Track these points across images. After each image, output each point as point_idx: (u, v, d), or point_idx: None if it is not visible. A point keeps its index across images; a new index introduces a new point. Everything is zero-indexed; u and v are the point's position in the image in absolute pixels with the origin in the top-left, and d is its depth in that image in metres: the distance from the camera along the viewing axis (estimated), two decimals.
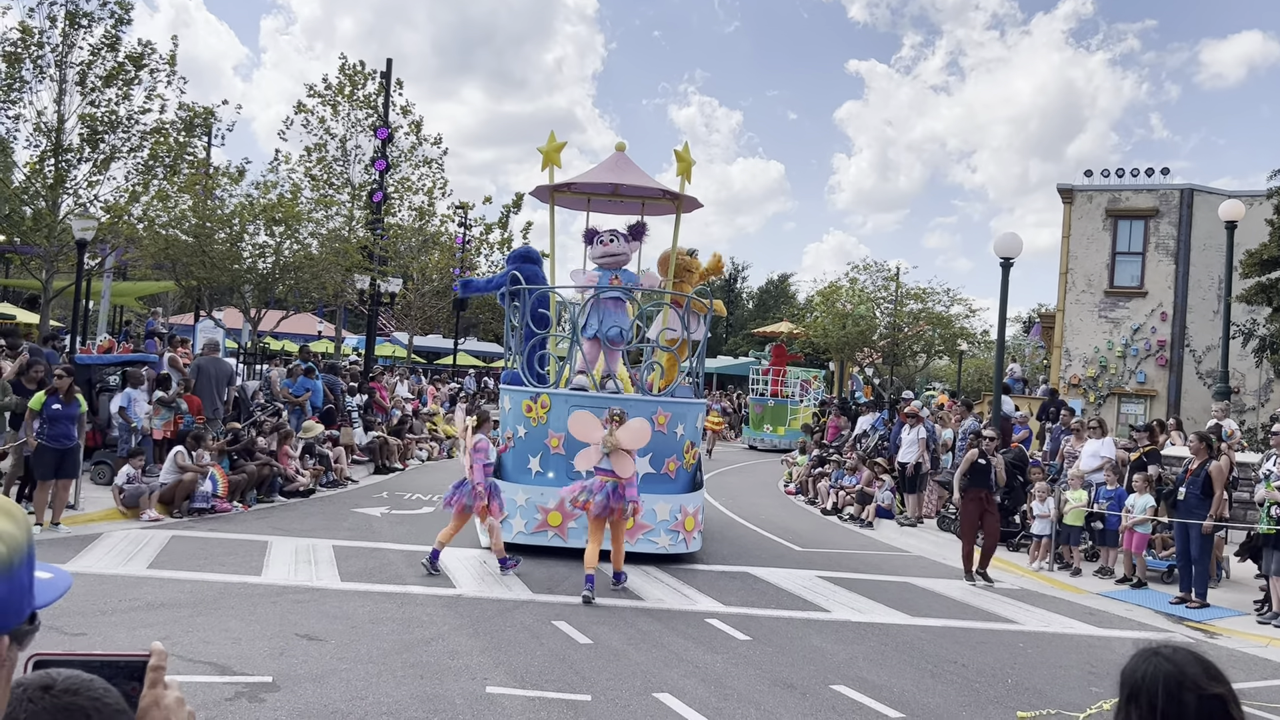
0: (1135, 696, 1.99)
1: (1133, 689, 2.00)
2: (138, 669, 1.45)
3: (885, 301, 43.26)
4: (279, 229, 23.38)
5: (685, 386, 13.35)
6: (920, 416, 18.60)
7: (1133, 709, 1.99)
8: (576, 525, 12.11)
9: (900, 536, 16.24)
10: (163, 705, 1.43)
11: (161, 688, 1.44)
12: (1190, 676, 1.96)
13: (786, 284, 74.17)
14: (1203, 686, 1.94)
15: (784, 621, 9.68)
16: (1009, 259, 16.37)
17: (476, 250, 35.32)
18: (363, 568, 10.81)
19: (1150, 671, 1.99)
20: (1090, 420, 16.26)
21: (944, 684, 7.92)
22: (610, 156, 14.24)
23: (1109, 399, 27.35)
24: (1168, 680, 1.96)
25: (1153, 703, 1.95)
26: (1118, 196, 27.49)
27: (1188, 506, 11.82)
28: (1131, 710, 1.99)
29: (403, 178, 29.99)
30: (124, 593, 9.04)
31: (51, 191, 19.81)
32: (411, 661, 7.52)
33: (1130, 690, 2.01)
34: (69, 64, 19.75)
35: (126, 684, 1.43)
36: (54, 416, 11.95)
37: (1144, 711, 1.96)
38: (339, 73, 29.00)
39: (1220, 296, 23.36)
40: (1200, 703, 1.93)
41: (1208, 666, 1.99)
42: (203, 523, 13.09)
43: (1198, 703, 1.93)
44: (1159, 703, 1.95)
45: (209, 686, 6.57)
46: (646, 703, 6.96)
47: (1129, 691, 2.01)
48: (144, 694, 1.43)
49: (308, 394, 18.68)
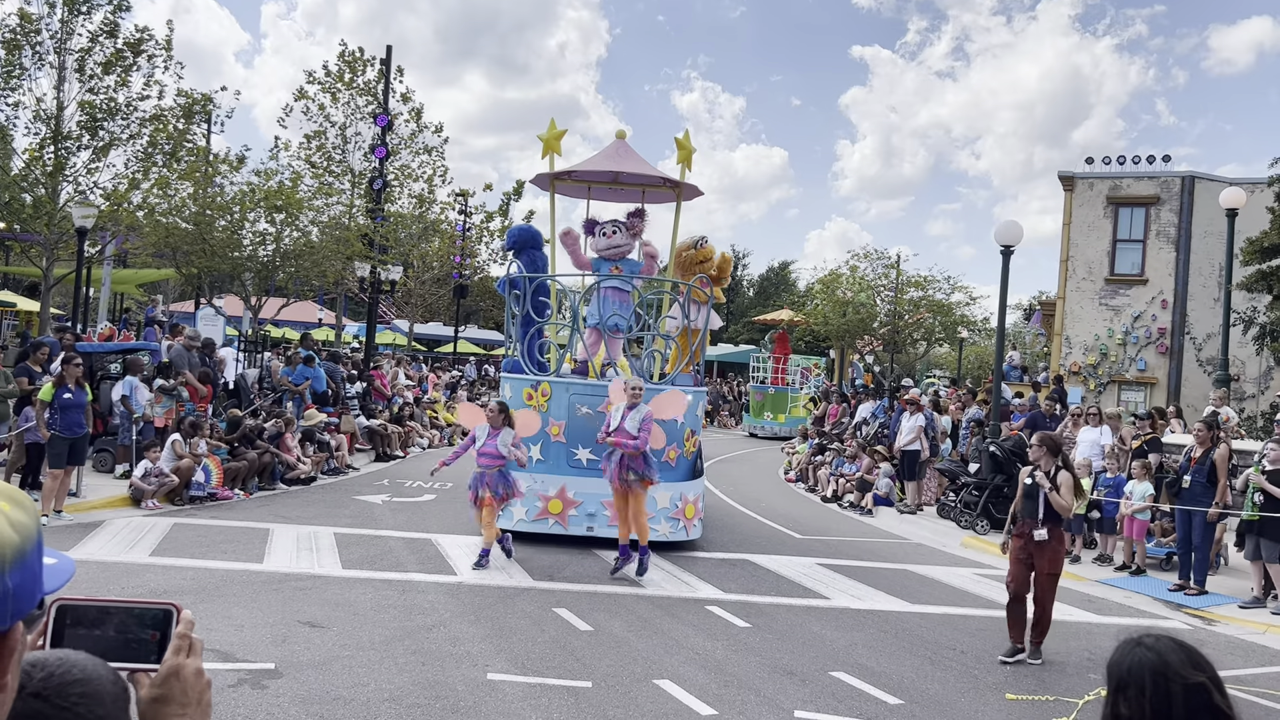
0: (1123, 688, 2.02)
1: (1120, 680, 2.03)
2: (157, 617, 1.47)
3: (885, 289, 43.25)
4: (279, 216, 23.35)
5: (685, 375, 13.37)
6: (920, 404, 18.62)
7: (1121, 700, 2.02)
8: (577, 513, 12.16)
9: (900, 524, 16.29)
10: (182, 676, 1.45)
11: (184, 655, 1.46)
12: (1173, 666, 1.98)
13: (787, 271, 74.09)
14: (1186, 676, 1.97)
15: (784, 608, 9.72)
16: (1009, 246, 16.36)
17: (477, 238, 35.29)
18: (364, 555, 10.85)
19: (1135, 662, 2.02)
20: (1090, 408, 16.28)
21: (943, 670, 7.96)
22: (611, 144, 14.23)
23: (1109, 386, 27.37)
24: (1154, 671, 1.99)
25: (1140, 694, 1.98)
26: (1119, 184, 27.44)
27: (1192, 494, 11.81)
28: (1120, 701, 2.02)
29: (403, 165, 29.94)
30: (126, 580, 9.08)
31: (51, 179, 19.80)
32: (413, 648, 7.56)
33: (1118, 682, 2.04)
34: (68, 50, 19.71)
35: (145, 631, 1.46)
36: (66, 405, 12.00)
37: (1132, 703, 1.99)
38: (339, 59, 28.92)
39: (1221, 284, 23.34)
40: (1186, 692, 1.97)
41: (1190, 654, 2.02)
42: (204, 510, 13.13)
43: (1184, 692, 1.96)
44: (1146, 693, 1.98)
45: (211, 673, 6.57)
46: (647, 689, 7.00)
47: (1116, 683, 2.04)
48: (166, 659, 1.45)
49: (307, 382, 18.70)
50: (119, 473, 14.39)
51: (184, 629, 1.47)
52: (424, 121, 30.25)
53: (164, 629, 1.47)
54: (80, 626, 1.44)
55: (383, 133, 26.85)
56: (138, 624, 1.45)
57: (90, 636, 1.43)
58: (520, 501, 12.21)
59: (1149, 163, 27.28)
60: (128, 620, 1.45)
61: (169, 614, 1.48)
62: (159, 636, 1.46)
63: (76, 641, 1.42)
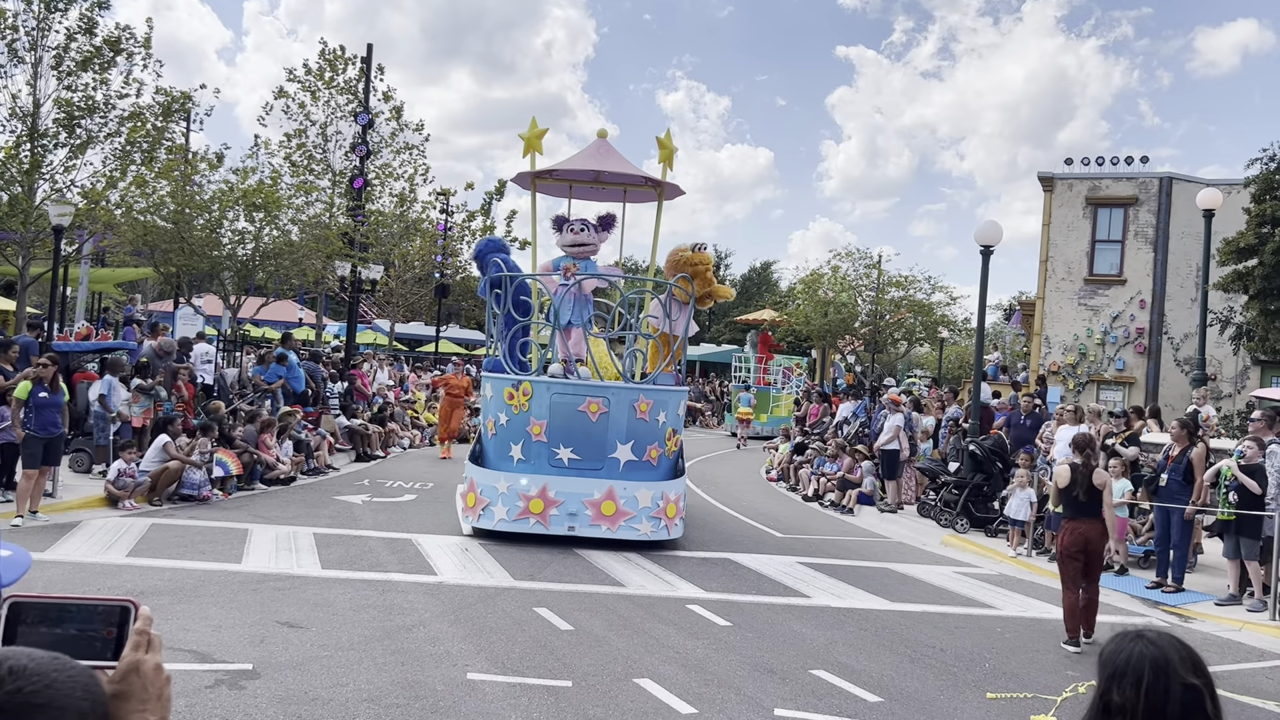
0: (1119, 677, 2.01)
1: (1116, 670, 2.03)
2: (114, 613, 1.45)
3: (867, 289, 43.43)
4: (259, 215, 23.21)
5: (667, 374, 13.37)
6: (900, 402, 18.70)
7: (1115, 689, 2.01)
8: (558, 513, 12.14)
9: (880, 523, 16.34)
10: (142, 672, 1.43)
11: (143, 651, 1.44)
12: (1173, 664, 1.99)
13: (769, 271, 74.31)
14: (1184, 676, 1.98)
15: (764, 607, 9.74)
16: (989, 247, 16.46)
17: (459, 237, 35.18)
18: (344, 555, 10.79)
19: (1136, 655, 2.02)
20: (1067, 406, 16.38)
21: (922, 668, 7.98)
22: (592, 143, 14.21)
23: (1088, 386, 27.56)
24: (1155, 664, 1.99)
25: (1138, 685, 1.98)
26: (1098, 184, 27.64)
27: (1169, 492, 11.94)
28: (1114, 690, 2.01)
29: (384, 164, 29.82)
30: (103, 580, 9.00)
31: (27, 176, 19.61)
32: (392, 648, 7.52)
33: (1113, 671, 2.03)
34: (44, 47, 19.52)
35: (102, 628, 1.43)
36: (41, 404, 11.88)
37: (1128, 693, 1.99)
38: (319, 58, 28.77)
39: (1198, 284, 23.54)
40: (1183, 691, 1.98)
41: (1188, 654, 2.03)
42: (182, 510, 13.03)
43: (1181, 691, 1.97)
44: (1144, 685, 1.98)
45: (189, 674, 6.55)
46: (627, 688, 6.99)
47: (1112, 671, 2.04)
48: (124, 655, 1.43)
49: (281, 380, 18.58)
50: (96, 473, 14.26)
51: (142, 625, 1.45)
52: (405, 120, 30.16)
53: (121, 625, 1.44)
54: (34, 624, 1.42)
55: (363, 131, 26.73)
56: (95, 621, 1.43)
57: (45, 634, 1.41)
58: (502, 500, 12.19)
59: (1127, 164, 27.49)
60: (84, 617, 1.43)
61: (126, 610, 1.46)
62: (116, 633, 1.44)
63: (30, 639, 1.39)
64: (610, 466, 12.45)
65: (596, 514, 12.12)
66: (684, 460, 13.86)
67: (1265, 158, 21.99)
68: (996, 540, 14.64)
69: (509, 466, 12.59)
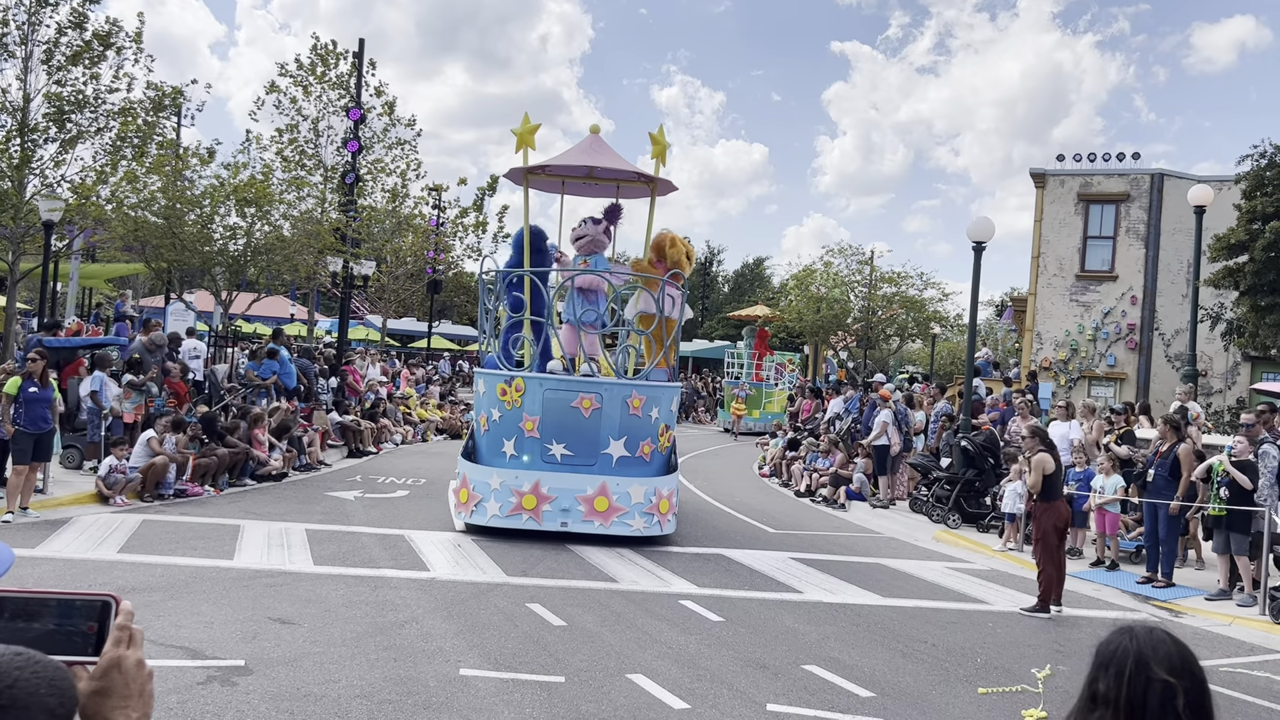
0: (1106, 666, 2.16)
1: (1104, 659, 2.18)
2: (95, 609, 1.43)
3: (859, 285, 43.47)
4: (250, 210, 23.12)
5: (660, 370, 13.36)
6: (888, 398, 18.72)
7: (1101, 677, 2.16)
8: (551, 509, 12.13)
9: (872, 518, 16.37)
10: (124, 668, 1.41)
11: (125, 647, 1.42)
12: (1149, 661, 2.11)
13: (762, 267, 74.33)
14: (1160, 673, 2.10)
15: (757, 602, 9.75)
16: (981, 243, 16.48)
17: (452, 233, 35.12)
18: (336, 551, 10.78)
19: (1121, 648, 2.16)
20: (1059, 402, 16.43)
21: (914, 663, 8.01)
22: (585, 139, 14.18)
23: (1079, 382, 27.64)
24: (1137, 658, 2.12)
25: (1120, 677, 2.12)
26: (1089, 181, 27.71)
27: (1156, 488, 12.02)
28: (1100, 678, 2.16)
29: (376, 159, 29.74)
30: (94, 577, 8.97)
31: (17, 171, 19.50)
32: (385, 645, 7.52)
33: (1102, 659, 2.18)
34: (35, 42, 19.42)
35: (83, 624, 1.41)
36: (31, 400, 11.83)
37: (1110, 682, 2.13)
38: (311, 53, 28.69)
39: (1189, 280, 23.62)
40: (1162, 688, 2.09)
41: (1170, 654, 2.14)
42: (174, 507, 13.00)
43: (1161, 688, 2.09)
44: (1125, 677, 2.11)
45: (181, 670, 6.54)
46: (620, 684, 7.00)
47: (1100, 660, 2.18)
48: (106, 651, 1.41)
49: (274, 376, 18.54)
50: (87, 469, 14.22)
51: (124, 620, 1.43)
52: (397, 115, 30.10)
53: (102, 621, 1.42)
54: (11, 619, 1.40)
55: (355, 126, 26.65)
56: (75, 616, 1.41)
57: (23, 629, 1.39)
58: (495, 496, 12.19)
59: (1119, 160, 27.56)
60: (64, 612, 1.40)
61: (107, 605, 1.44)
62: (97, 629, 1.42)
63: (9, 634, 1.37)
64: (603, 462, 12.45)
65: (589, 510, 12.12)
66: (677, 456, 13.87)
67: (1256, 154, 22.05)
68: (988, 535, 14.68)
69: (502, 462, 12.58)
